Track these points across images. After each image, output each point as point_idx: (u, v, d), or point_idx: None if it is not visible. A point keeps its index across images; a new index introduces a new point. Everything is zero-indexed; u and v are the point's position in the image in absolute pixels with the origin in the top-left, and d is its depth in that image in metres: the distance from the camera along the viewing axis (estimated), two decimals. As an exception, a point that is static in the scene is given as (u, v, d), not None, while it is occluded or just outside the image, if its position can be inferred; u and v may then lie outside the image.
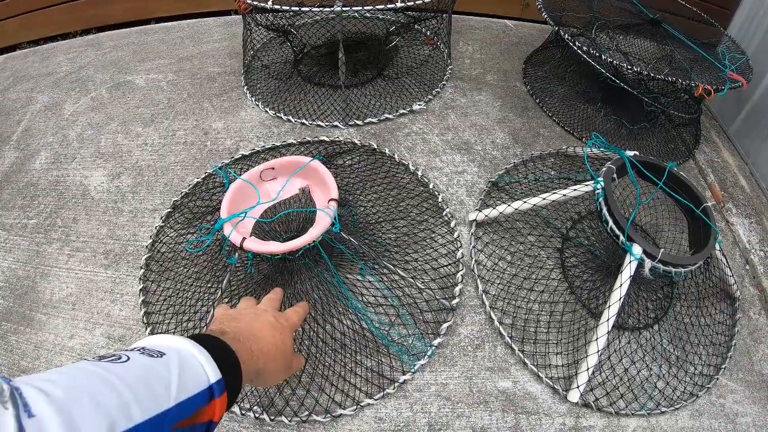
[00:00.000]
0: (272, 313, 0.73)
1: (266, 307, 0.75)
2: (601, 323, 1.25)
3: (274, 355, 0.65)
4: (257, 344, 0.63)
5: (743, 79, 1.65)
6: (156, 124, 1.86)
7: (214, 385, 0.49)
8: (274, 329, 0.68)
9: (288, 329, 0.72)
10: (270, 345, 0.65)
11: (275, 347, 0.66)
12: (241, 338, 0.60)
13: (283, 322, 0.72)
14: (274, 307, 0.77)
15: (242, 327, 0.65)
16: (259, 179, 1.40)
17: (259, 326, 0.67)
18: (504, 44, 2.30)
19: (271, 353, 0.65)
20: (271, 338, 0.66)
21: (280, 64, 2.00)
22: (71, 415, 0.35)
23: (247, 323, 0.67)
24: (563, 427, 1.24)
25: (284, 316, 0.75)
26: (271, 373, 0.66)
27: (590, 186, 1.34)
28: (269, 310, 0.74)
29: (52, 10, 2.39)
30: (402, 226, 1.48)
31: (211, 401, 0.48)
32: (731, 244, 1.70)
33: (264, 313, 0.72)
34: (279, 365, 0.67)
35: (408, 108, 1.84)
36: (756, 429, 1.34)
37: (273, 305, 0.78)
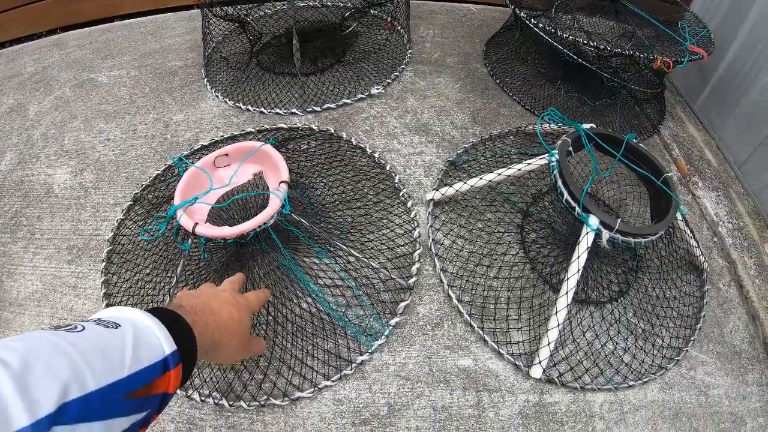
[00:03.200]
0: (231, 293, 0.74)
1: (225, 287, 0.77)
2: (560, 297, 1.24)
3: (230, 329, 0.66)
4: (213, 317, 0.63)
5: (704, 52, 1.65)
6: (118, 120, 1.85)
7: (168, 357, 0.49)
8: (231, 306, 0.69)
9: (246, 309, 0.73)
10: (227, 319, 0.66)
11: (232, 321, 0.67)
12: (198, 311, 0.61)
13: (241, 301, 0.73)
14: (234, 288, 0.79)
15: (200, 302, 0.65)
16: (213, 166, 1.39)
17: (217, 303, 0.68)
18: (466, 27, 2.30)
19: (228, 327, 0.66)
20: (228, 314, 0.67)
21: (239, 55, 1.99)
22: (25, 381, 0.36)
23: (204, 299, 0.67)
24: (527, 404, 1.23)
25: (243, 296, 0.76)
26: (228, 349, 0.66)
27: (545, 159, 1.33)
28: (228, 290, 0.75)
29: (21, 10, 2.38)
30: (358, 207, 1.47)
31: (166, 373, 0.48)
32: (698, 217, 1.70)
33: (223, 292, 0.72)
34: (235, 342, 0.67)
35: (366, 92, 1.84)
36: (729, 400, 1.33)
37: (233, 287, 0.79)
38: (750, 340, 1.46)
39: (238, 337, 0.68)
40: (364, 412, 1.18)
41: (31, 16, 2.41)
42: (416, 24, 2.29)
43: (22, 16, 2.40)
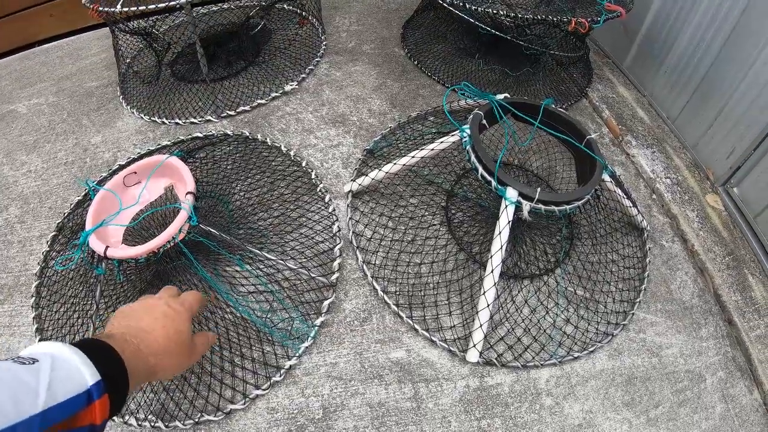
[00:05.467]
0: (166, 301, 0.69)
1: (161, 295, 0.73)
2: (486, 275, 1.21)
3: (167, 348, 0.63)
4: (146, 341, 0.61)
5: (621, 8, 1.61)
6: (39, 150, 1.80)
7: (92, 387, 0.47)
8: (166, 319, 0.66)
9: (184, 314, 0.69)
10: (161, 338, 0.63)
11: (167, 339, 0.63)
12: (128, 337, 0.59)
13: (177, 307, 0.69)
14: (171, 294, 0.75)
15: (131, 324, 0.63)
16: (123, 186, 1.35)
17: (149, 320, 0.64)
18: (383, 12, 2.26)
19: (164, 346, 0.63)
20: (162, 330, 0.64)
21: (152, 69, 1.95)
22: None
23: (136, 320, 0.64)
24: (467, 390, 1.20)
25: (179, 300, 0.72)
26: (169, 366, 0.64)
27: (457, 136, 1.29)
28: (164, 297, 0.71)
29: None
30: (276, 208, 1.43)
31: (91, 404, 0.47)
32: (634, 176, 1.67)
33: (156, 304, 0.68)
34: (175, 357, 0.65)
35: (280, 90, 1.79)
36: (684, 359, 1.31)
37: (170, 292, 0.75)
38: (700, 294, 1.44)
39: (177, 351, 0.65)
40: (300, 418, 1.14)
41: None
42: (331, 14, 2.25)
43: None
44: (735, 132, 1.53)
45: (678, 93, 1.72)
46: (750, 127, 1.47)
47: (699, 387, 1.26)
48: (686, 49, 1.67)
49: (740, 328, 1.35)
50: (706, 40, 1.58)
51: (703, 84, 1.62)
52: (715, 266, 1.46)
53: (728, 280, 1.44)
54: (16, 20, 2.27)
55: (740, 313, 1.38)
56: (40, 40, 2.34)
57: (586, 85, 1.85)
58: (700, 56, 1.62)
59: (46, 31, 2.33)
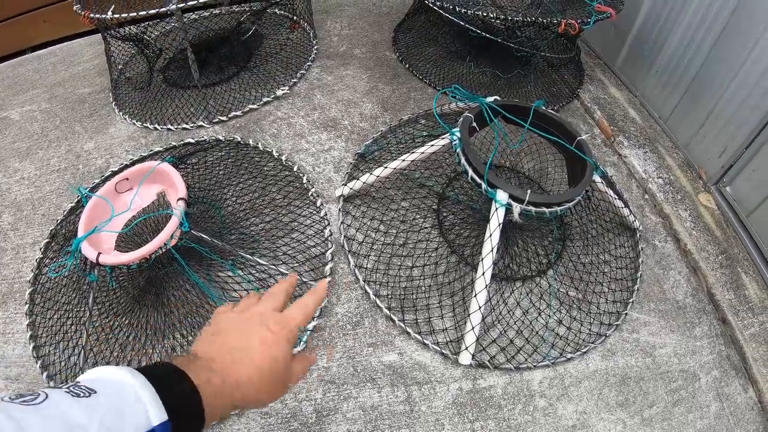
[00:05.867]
0: (268, 317, 0.59)
1: (264, 308, 0.61)
2: (477, 278, 1.21)
3: (257, 382, 0.54)
4: (233, 373, 0.52)
5: (611, 9, 1.62)
6: (31, 156, 1.80)
7: (157, 428, 0.42)
8: (262, 347, 0.55)
9: (284, 339, 0.57)
10: (252, 370, 0.53)
11: (259, 372, 0.54)
12: (214, 365, 0.51)
13: (278, 331, 0.57)
14: (276, 304, 0.62)
15: (220, 349, 0.54)
16: (115, 192, 1.35)
17: (243, 345, 0.55)
18: (374, 16, 2.26)
19: (254, 380, 0.53)
20: (257, 360, 0.54)
21: (145, 74, 1.95)
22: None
23: (228, 342, 0.55)
24: (460, 392, 1.20)
25: (284, 319, 0.60)
26: (256, 401, 0.55)
27: (448, 139, 1.29)
28: (266, 313, 0.60)
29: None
30: (268, 213, 1.43)
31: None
32: (626, 176, 1.67)
33: (256, 320, 0.58)
34: (265, 391, 0.55)
35: (272, 95, 1.80)
36: (678, 358, 1.31)
37: (275, 303, 0.62)
38: (693, 293, 1.44)
39: (268, 384, 0.55)
40: (293, 422, 1.14)
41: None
42: (323, 18, 2.26)
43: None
44: (726, 131, 1.53)
45: (669, 93, 1.72)
46: (741, 126, 1.47)
47: (693, 386, 1.26)
48: (677, 49, 1.67)
49: (734, 327, 1.35)
50: (697, 40, 1.59)
51: (694, 84, 1.62)
52: (709, 265, 1.46)
53: (722, 279, 1.44)
54: (9, 26, 2.27)
55: (734, 312, 1.38)
56: (33, 46, 2.34)
57: (577, 86, 1.86)
58: (690, 56, 1.62)
59: (39, 36, 2.33)
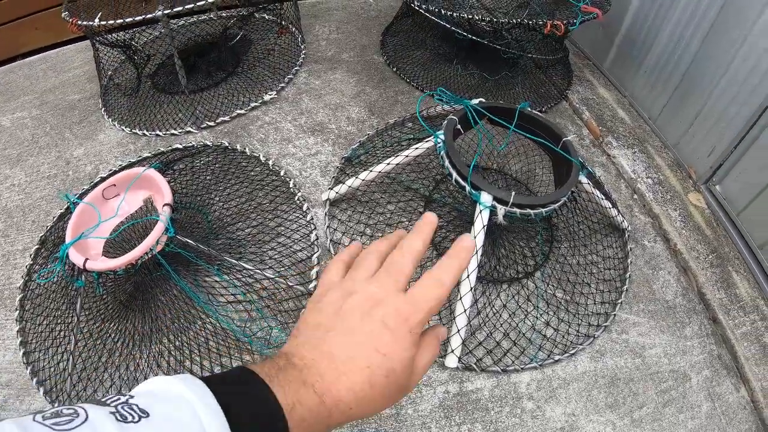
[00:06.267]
0: (386, 305, 0.42)
1: (383, 288, 0.43)
2: (462, 281, 1.20)
3: (364, 397, 0.40)
4: (335, 388, 0.39)
5: (597, 10, 1.61)
6: (22, 163, 1.80)
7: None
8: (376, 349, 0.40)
9: (406, 333, 0.41)
10: (360, 382, 0.39)
11: (371, 384, 0.39)
12: (311, 377, 0.39)
13: (397, 326, 0.41)
14: (400, 279, 0.43)
15: (322, 350, 0.41)
16: (102, 198, 1.35)
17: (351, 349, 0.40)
18: (362, 20, 2.27)
19: (360, 396, 0.39)
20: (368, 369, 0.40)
21: (134, 81, 1.95)
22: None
23: (332, 344, 0.41)
24: (447, 395, 1.20)
25: (407, 307, 0.42)
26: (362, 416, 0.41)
27: (432, 141, 1.29)
28: (384, 297, 0.42)
29: None
30: (255, 218, 1.44)
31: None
32: (615, 177, 1.67)
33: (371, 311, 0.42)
34: (377, 403, 0.41)
35: (260, 100, 1.80)
36: (668, 358, 1.30)
37: (398, 279, 0.43)
38: (683, 293, 1.44)
39: (385, 393, 0.41)
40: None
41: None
42: (311, 23, 2.26)
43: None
44: (715, 130, 1.53)
45: (658, 92, 1.72)
46: (730, 124, 1.47)
47: (684, 386, 1.26)
48: (665, 47, 1.67)
49: (725, 326, 1.35)
50: (685, 38, 1.58)
51: (683, 83, 1.62)
52: (699, 265, 1.46)
53: (712, 278, 1.43)
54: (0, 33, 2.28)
55: (725, 311, 1.37)
56: (24, 53, 2.34)
57: (565, 87, 1.86)
58: (679, 55, 1.62)
59: (31, 43, 2.33)
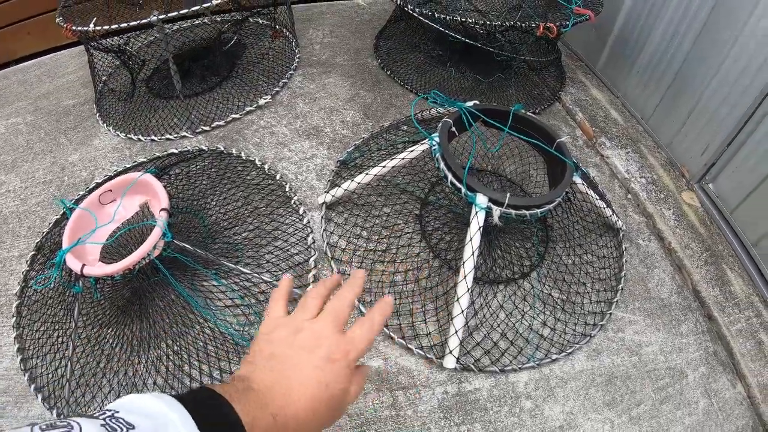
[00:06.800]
0: (329, 343, 0.52)
1: (324, 328, 0.53)
2: (459, 282, 1.21)
3: (309, 420, 0.48)
4: (287, 411, 0.47)
5: (590, 12, 1.62)
6: (17, 169, 1.80)
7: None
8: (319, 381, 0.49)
9: (344, 366, 0.51)
10: (307, 408, 0.48)
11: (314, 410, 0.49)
12: (267, 400, 0.46)
13: (339, 359, 0.51)
14: (337, 324, 0.54)
15: (276, 379, 0.49)
16: (99, 204, 1.35)
17: (301, 378, 0.49)
18: (356, 24, 2.28)
19: (306, 418, 0.48)
20: (313, 397, 0.49)
21: (126, 86, 1.95)
22: None
23: (284, 372, 0.50)
24: (446, 396, 1.20)
25: (346, 345, 0.52)
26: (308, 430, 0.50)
27: (427, 144, 1.30)
28: (325, 335, 0.52)
29: None
30: (251, 222, 1.44)
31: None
32: (609, 177, 1.68)
33: (315, 347, 0.51)
34: (316, 425, 0.50)
35: (255, 104, 1.80)
36: (665, 356, 1.31)
37: (337, 323, 0.54)
38: (678, 290, 1.44)
39: (324, 417, 0.50)
40: (279, 431, 1.14)
41: None
42: (305, 27, 2.26)
43: None
44: (708, 129, 1.54)
45: (651, 93, 1.73)
46: (722, 123, 1.48)
47: (681, 383, 1.27)
48: (658, 47, 1.68)
49: (720, 323, 1.36)
50: (677, 38, 1.60)
51: (675, 82, 1.63)
52: (693, 263, 1.47)
53: (707, 276, 1.44)
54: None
55: (720, 308, 1.38)
56: (18, 58, 2.34)
57: (559, 88, 1.87)
58: (671, 54, 1.63)
59: (24, 48, 2.33)
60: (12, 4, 2.22)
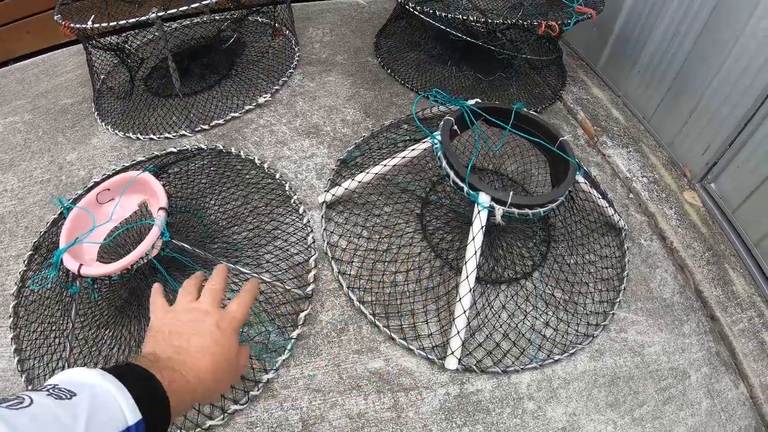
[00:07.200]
0: (214, 315, 0.61)
1: (208, 306, 0.63)
2: (461, 282, 1.20)
3: (215, 376, 0.57)
4: (194, 369, 0.55)
5: (591, 11, 1.62)
6: (14, 168, 1.78)
7: (132, 427, 0.44)
8: (216, 345, 0.58)
9: (231, 332, 0.61)
10: (211, 365, 0.57)
11: (216, 366, 0.57)
12: (176, 365, 0.53)
13: (225, 327, 0.61)
14: (216, 301, 0.65)
15: (179, 346, 0.57)
16: (96, 203, 1.34)
17: (199, 343, 0.58)
18: (356, 22, 2.27)
19: (213, 375, 0.57)
20: (212, 357, 0.57)
21: (125, 84, 1.94)
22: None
23: (184, 340, 0.58)
24: (447, 397, 1.19)
25: (228, 315, 0.63)
26: (215, 392, 0.59)
27: (429, 143, 1.29)
28: (211, 311, 0.62)
29: None
30: (251, 221, 1.43)
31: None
32: (611, 176, 1.67)
33: (205, 319, 0.61)
34: (223, 382, 0.59)
35: (254, 103, 1.79)
36: (667, 356, 1.30)
37: (215, 300, 0.65)
38: (681, 290, 1.44)
39: (224, 377, 0.59)
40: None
41: None
42: (305, 25, 2.26)
43: None
44: (709, 129, 1.53)
45: (652, 92, 1.72)
46: (723, 123, 1.48)
47: (683, 384, 1.26)
48: (659, 47, 1.67)
49: (723, 323, 1.35)
50: (678, 37, 1.59)
51: (677, 82, 1.63)
52: (695, 262, 1.46)
53: (709, 276, 1.44)
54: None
55: (722, 308, 1.38)
56: (16, 57, 2.33)
57: (560, 87, 1.86)
58: (672, 54, 1.62)
59: (23, 47, 2.32)
60: (10, 3, 2.21)
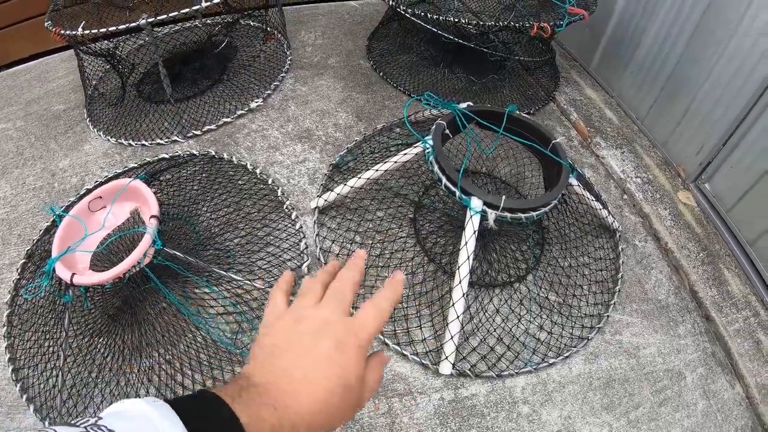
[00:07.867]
0: (336, 326, 0.45)
1: (329, 312, 0.46)
2: (454, 286, 1.20)
3: (324, 412, 0.42)
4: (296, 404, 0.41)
5: (584, 11, 1.61)
6: (7, 176, 1.78)
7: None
8: (332, 367, 0.43)
9: (357, 354, 0.44)
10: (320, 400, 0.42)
11: (327, 402, 0.42)
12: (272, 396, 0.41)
13: (350, 341, 0.44)
14: (342, 305, 0.47)
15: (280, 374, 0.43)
16: (88, 211, 1.33)
17: (308, 365, 0.43)
18: (348, 25, 2.26)
19: (321, 411, 0.42)
20: (325, 383, 0.43)
21: (117, 90, 1.93)
22: None
23: (289, 365, 0.43)
24: (442, 402, 1.19)
25: (354, 326, 0.45)
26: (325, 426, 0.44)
27: (420, 147, 1.28)
28: (332, 320, 0.46)
29: None
30: (243, 228, 1.42)
31: None
32: (605, 177, 1.67)
33: (322, 332, 0.45)
34: (336, 418, 0.44)
35: (246, 107, 1.79)
36: (662, 357, 1.30)
37: (342, 304, 0.47)
38: (675, 291, 1.43)
39: (337, 410, 0.43)
40: (273, 440, 1.12)
41: None
42: (297, 29, 2.25)
43: None
44: (703, 129, 1.53)
45: (645, 92, 1.72)
46: (716, 123, 1.47)
47: (679, 385, 1.26)
48: (651, 47, 1.67)
49: (718, 323, 1.35)
50: (671, 38, 1.59)
51: (670, 82, 1.62)
52: (690, 263, 1.46)
53: (704, 276, 1.43)
54: (-15, 43, 2.26)
55: (717, 308, 1.37)
56: (8, 63, 2.32)
57: (553, 88, 1.86)
58: (665, 54, 1.62)
59: (16, 53, 2.31)
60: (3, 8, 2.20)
